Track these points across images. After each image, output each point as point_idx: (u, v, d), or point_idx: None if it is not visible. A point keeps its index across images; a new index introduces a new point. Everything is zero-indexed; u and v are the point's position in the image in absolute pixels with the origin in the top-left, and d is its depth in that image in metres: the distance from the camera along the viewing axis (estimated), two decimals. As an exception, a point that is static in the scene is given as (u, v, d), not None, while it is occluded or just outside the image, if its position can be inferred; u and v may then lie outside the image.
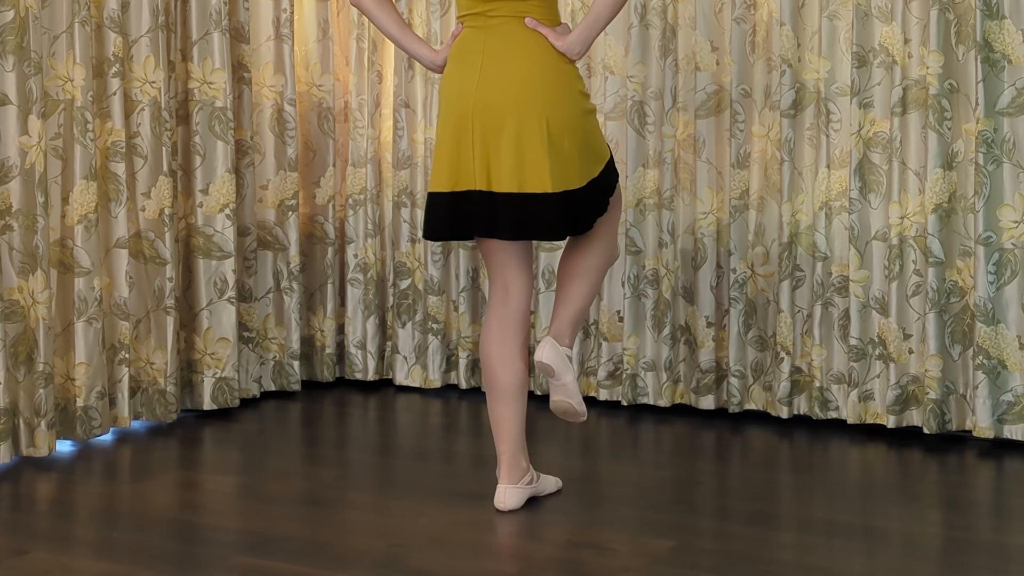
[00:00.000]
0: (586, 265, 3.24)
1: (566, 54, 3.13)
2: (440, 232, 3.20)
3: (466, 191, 3.12)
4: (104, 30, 3.92)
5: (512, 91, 3.09)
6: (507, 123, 3.07)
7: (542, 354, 3.15)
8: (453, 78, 3.18)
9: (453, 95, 3.15)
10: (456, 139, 3.13)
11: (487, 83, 3.10)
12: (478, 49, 3.14)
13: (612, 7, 3.09)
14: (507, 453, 3.19)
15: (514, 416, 3.19)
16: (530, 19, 3.12)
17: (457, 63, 3.18)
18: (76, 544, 3.00)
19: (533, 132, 3.07)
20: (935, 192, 3.81)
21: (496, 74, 3.11)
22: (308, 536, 2.97)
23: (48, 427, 3.66)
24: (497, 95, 3.09)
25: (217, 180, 4.25)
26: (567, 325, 3.22)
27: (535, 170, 3.06)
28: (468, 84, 3.12)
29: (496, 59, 3.12)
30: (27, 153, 3.61)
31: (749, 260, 4.15)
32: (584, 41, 3.13)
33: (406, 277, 4.71)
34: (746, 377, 4.18)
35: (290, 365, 4.60)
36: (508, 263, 3.22)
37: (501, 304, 3.22)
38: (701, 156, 4.19)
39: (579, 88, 3.18)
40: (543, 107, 3.08)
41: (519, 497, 3.18)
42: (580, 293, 3.23)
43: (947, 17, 3.79)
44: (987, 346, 3.76)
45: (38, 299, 3.63)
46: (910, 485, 3.46)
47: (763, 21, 4.12)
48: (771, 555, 2.85)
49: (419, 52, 3.29)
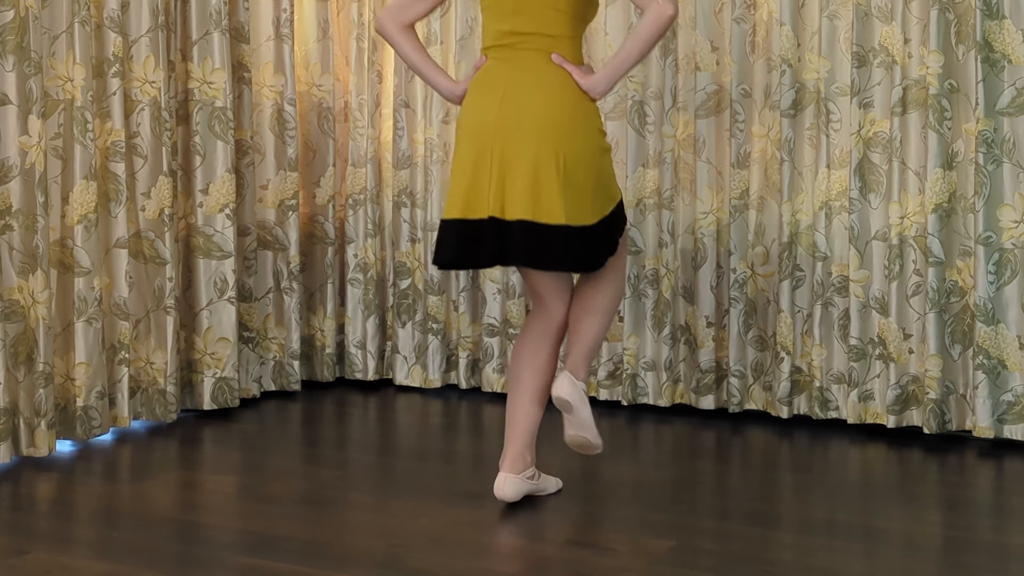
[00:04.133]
0: (597, 303, 3.29)
1: (588, 92, 3.15)
2: (451, 260, 3.21)
3: (478, 219, 3.13)
4: (104, 30, 3.92)
5: (532, 123, 3.10)
6: (524, 153, 3.09)
7: (560, 390, 3.19)
8: (473, 107, 3.19)
9: (473, 124, 3.17)
10: (473, 167, 3.14)
11: (508, 113, 3.12)
12: (501, 81, 3.16)
13: (641, 50, 3.11)
14: (515, 445, 3.24)
15: (530, 416, 3.26)
16: (556, 55, 3.15)
17: (478, 93, 3.19)
18: (76, 544, 3.00)
19: (549, 164, 3.08)
20: (935, 192, 3.81)
21: (517, 105, 3.12)
22: (308, 536, 2.97)
23: (48, 427, 3.66)
24: (517, 125, 3.10)
25: (217, 180, 4.25)
26: (582, 360, 3.28)
27: (549, 202, 3.08)
28: (488, 113, 3.14)
29: (518, 91, 3.13)
30: (27, 153, 3.61)
31: (749, 260, 4.15)
32: (609, 81, 3.15)
33: (406, 277, 4.71)
34: (746, 377, 4.18)
35: (290, 365, 4.60)
36: (542, 285, 3.28)
37: (540, 314, 3.31)
38: (701, 156, 4.19)
39: (597, 126, 3.20)
40: (561, 141, 3.10)
41: (517, 488, 3.20)
42: (593, 329, 3.29)
43: (947, 17, 3.79)
44: (987, 346, 3.76)
45: (38, 299, 3.63)
46: (910, 485, 3.46)
47: (763, 21, 4.12)
48: (771, 555, 2.85)
49: (439, 82, 3.30)
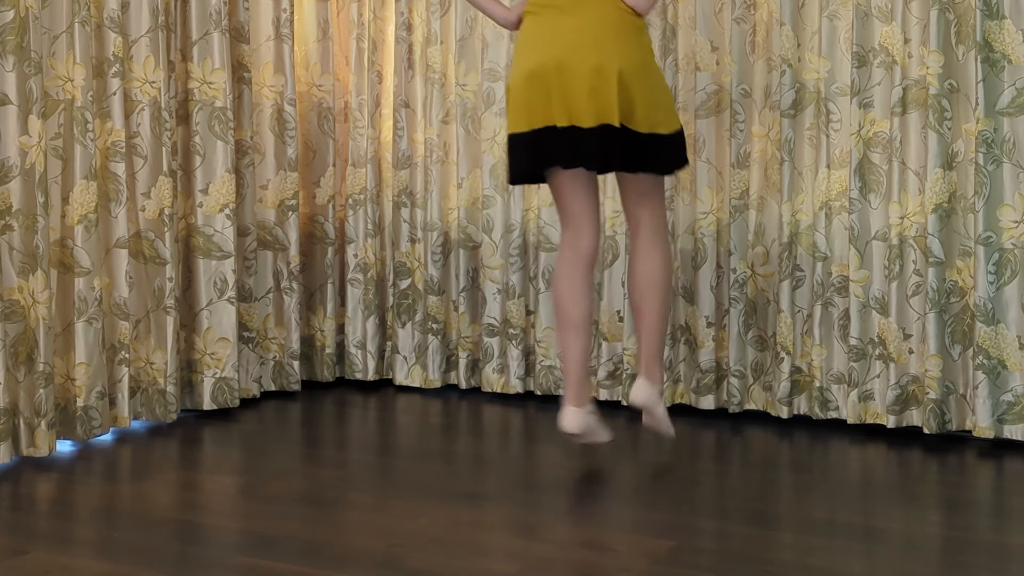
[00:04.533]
0: (653, 277, 3.48)
1: (634, 8, 3.42)
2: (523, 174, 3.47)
3: (545, 127, 3.37)
4: (104, 30, 3.92)
5: (585, 38, 3.36)
6: (582, 66, 3.33)
7: (637, 396, 3.48)
8: (529, 33, 3.47)
9: (529, 46, 3.44)
10: (534, 83, 3.38)
11: (562, 32, 3.39)
12: (551, 3, 3.44)
13: None
14: (574, 377, 3.46)
15: (581, 347, 3.47)
16: None
17: (532, 19, 3.47)
18: (76, 544, 3.00)
19: (606, 73, 3.33)
20: (935, 192, 3.81)
21: (570, 24, 3.38)
22: (308, 536, 2.97)
23: (48, 427, 3.66)
24: (571, 43, 3.36)
25: (217, 180, 4.25)
26: (655, 361, 3.52)
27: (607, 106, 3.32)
28: (544, 38, 3.41)
29: (569, 11, 3.40)
30: (27, 153, 3.61)
31: (749, 260, 4.15)
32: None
33: (406, 277, 4.71)
34: (746, 377, 4.18)
35: (290, 365, 4.60)
36: (581, 200, 3.48)
37: (572, 245, 3.49)
38: (701, 156, 4.19)
39: (646, 42, 3.46)
40: (613, 52, 3.35)
41: (580, 420, 3.46)
42: (655, 320, 3.49)
43: (947, 17, 3.79)
44: (987, 346, 3.76)
45: (38, 299, 3.63)
46: (910, 485, 3.46)
47: (763, 21, 4.12)
48: (771, 555, 2.85)
49: (494, 11, 3.62)
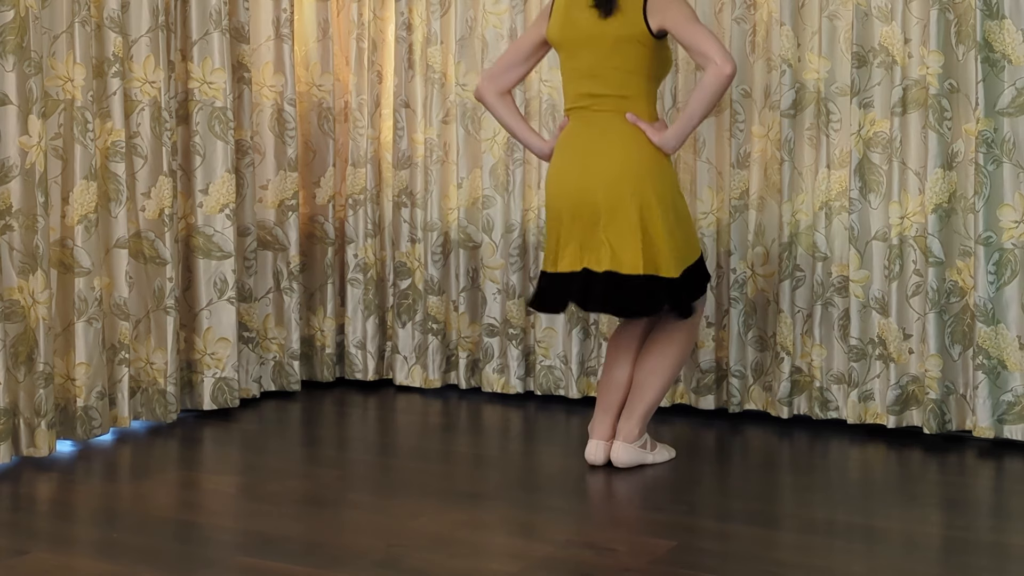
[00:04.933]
0: (662, 365, 3.56)
1: (661, 148, 3.42)
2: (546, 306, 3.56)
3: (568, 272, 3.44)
4: (104, 30, 3.92)
5: (611, 180, 3.38)
6: (604, 209, 3.37)
7: (617, 459, 3.51)
8: (557, 168, 3.50)
9: (557, 183, 3.48)
10: (560, 224, 3.45)
11: (588, 173, 3.41)
12: (580, 141, 3.46)
13: (706, 107, 3.36)
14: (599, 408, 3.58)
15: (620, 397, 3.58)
16: (630, 114, 3.42)
17: (560, 154, 3.51)
18: (76, 544, 3.00)
19: (627, 215, 3.36)
20: (935, 192, 3.81)
21: (597, 165, 3.40)
22: (308, 536, 2.97)
23: (48, 427, 3.66)
24: (597, 184, 3.38)
25: (217, 180, 4.25)
26: (636, 425, 3.54)
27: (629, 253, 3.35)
28: (570, 172, 3.44)
29: (595, 149, 3.42)
30: (27, 153, 3.61)
31: (749, 260, 4.15)
32: (679, 137, 3.41)
33: (406, 277, 4.71)
34: (746, 377, 4.18)
35: (290, 365, 4.60)
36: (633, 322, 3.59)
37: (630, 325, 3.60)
38: (701, 156, 4.19)
39: (672, 181, 3.48)
40: (638, 195, 3.37)
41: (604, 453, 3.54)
42: (653, 392, 3.57)
43: (947, 17, 3.79)
44: (987, 346, 3.76)
45: (38, 299, 3.63)
46: (910, 485, 3.46)
47: (763, 21, 4.12)
48: (771, 555, 2.85)
49: (532, 143, 3.65)
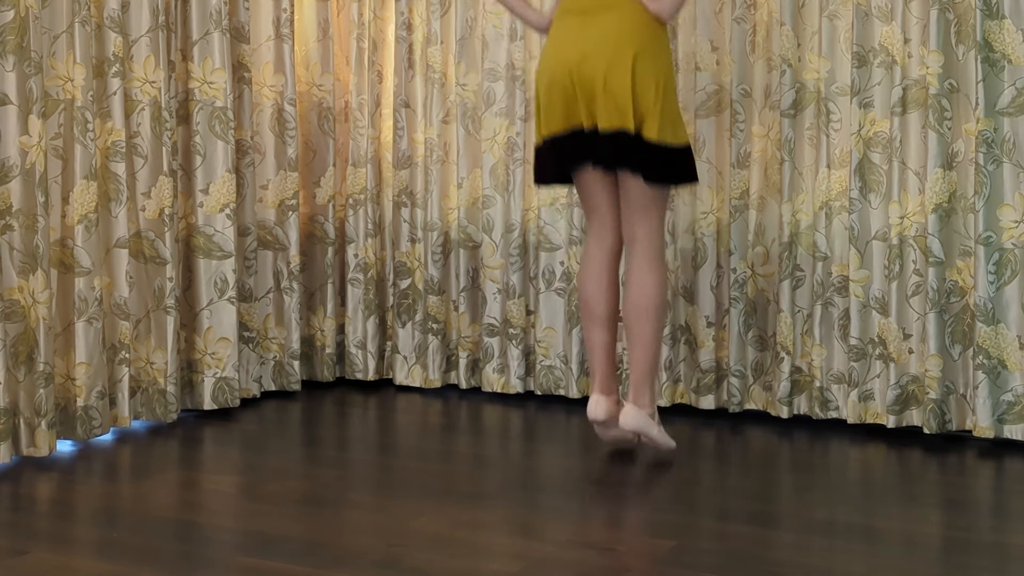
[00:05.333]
0: (644, 303, 3.52)
1: (657, 15, 3.49)
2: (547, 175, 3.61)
3: (568, 132, 3.51)
4: (104, 30, 3.92)
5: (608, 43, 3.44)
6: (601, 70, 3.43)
7: (627, 422, 3.50)
8: (554, 39, 3.57)
9: (555, 51, 3.55)
10: (556, 88, 3.50)
11: (585, 39, 3.48)
12: (577, 10, 3.54)
13: None
14: (599, 367, 3.61)
15: (606, 340, 3.62)
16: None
17: (559, 25, 3.58)
18: (76, 544, 3.00)
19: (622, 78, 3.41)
20: (935, 192, 3.81)
21: (594, 31, 3.48)
22: (308, 536, 2.97)
23: (48, 427, 3.66)
24: (594, 48, 3.46)
25: (217, 180, 4.25)
26: (643, 386, 3.54)
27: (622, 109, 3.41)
28: (569, 43, 3.51)
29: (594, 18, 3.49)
30: (27, 153, 3.61)
31: (749, 260, 4.15)
32: (675, 4, 3.49)
33: (406, 277, 4.71)
34: (746, 377, 4.18)
35: (290, 365, 4.60)
36: (607, 201, 3.60)
37: (598, 242, 3.63)
38: (701, 156, 4.19)
39: (667, 50, 3.53)
40: (633, 57, 3.42)
41: (605, 408, 3.56)
42: (646, 342, 3.53)
43: (947, 17, 3.79)
44: (987, 346, 3.76)
45: (38, 299, 3.63)
46: (910, 485, 3.46)
47: (763, 21, 4.12)
48: (771, 555, 2.85)
49: (529, 17, 3.76)
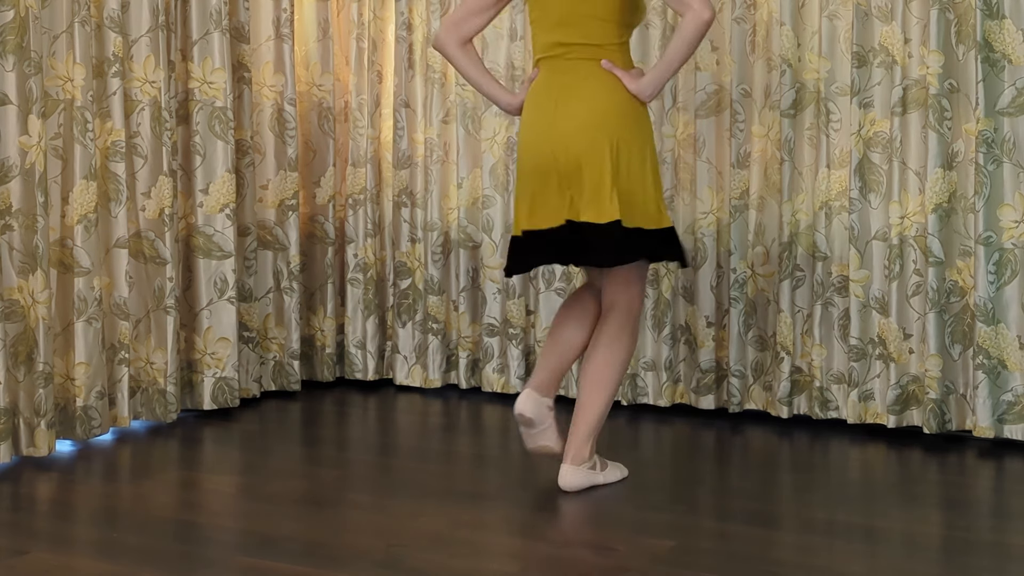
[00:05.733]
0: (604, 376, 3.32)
1: (638, 95, 3.25)
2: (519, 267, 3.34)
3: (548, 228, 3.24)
4: (104, 30, 3.92)
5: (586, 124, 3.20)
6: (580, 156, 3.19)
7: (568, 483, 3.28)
8: (530, 120, 3.31)
9: (532, 136, 3.28)
10: (537, 178, 3.26)
11: (562, 118, 3.23)
12: (553, 91, 3.27)
13: (684, 53, 3.21)
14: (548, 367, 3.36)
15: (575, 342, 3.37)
16: (606, 61, 3.25)
17: (533, 105, 3.31)
18: (76, 544, 3.00)
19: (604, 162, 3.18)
20: (935, 192, 3.81)
21: (570, 110, 3.23)
22: (308, 536, 2.97)
23: (48, 427, 3.66)
24: (571, 129, 3.21)
25: (217, 180, 4.25)
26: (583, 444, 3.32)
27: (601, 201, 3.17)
28: (544, 123, 3.26)
29: (570, 95, 3.24)
30: (27, 153, 3.61)
31: (749, 260, 4.15)
32: (656, 84, 3.25)
33: (406, 277, 4.71)
34: (746, 377, 4.18)
35: (290, 365, 4.60)
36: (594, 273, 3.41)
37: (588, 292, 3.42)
38: (701, 156, 4.19)
39: (648, 131, 3.31)
40: (614, 140, 3.20)
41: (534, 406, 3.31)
42: (596, 408, 3.33)
43: (947, 17, 3.79)
44: (987, 346, 3.76)
45: (38, 299, 3.63)
46: (910, 485, 3.46)
47: (763, 21, 4.12)
48: (771, 555, 2.85)
49: (498, 96, 3.42)
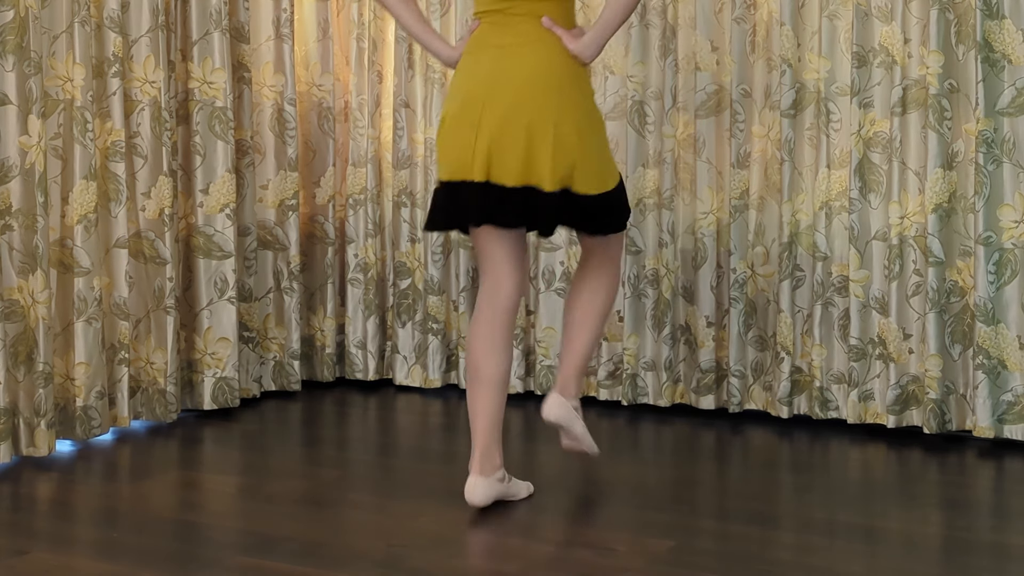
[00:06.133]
0: (589, 312, 3.31)
1: (579, 56, 3.15)
2: (438, 222, 3.23)
3: (468, 181, 3.12)
4: (104, 30, 3.92)
5: (524, 85, 3.10)
6: (516, 116, 3.08)
7: (549, 412, 3.25)
8: (465, 71, 3.20)
9: (464, 88, 3.17)
10: (463, 130, 3.13)
11: (499, 76, 3.12)
12: (493, 44, 3.16)
13: (623, 11, 3.11)
14: (481, 444, 3.14)
15: (492, 407, 3.15)
16: (546, 19, 3.15)
17: (471, 57, 3.20)
18: (76, 544, 3.00)
19: (541, 127, 3.07)
20: (935, 192, 3.81)
21: (509, 68, 3.12)
22: (308, 536, 2.97)
23: (48, 427, 3.66)
24: (509, 88, 3.10)
25: (217, 180, 4.25)
26: (571, 378, 3.31)
27: (539, 165, 3.07)
28: (481, 77, 3.14)
29: (510, 54, 3.13)
30: (27, 153, 3.61)
31: (749, 260, 4.15)
32: (597, 44, 3.15)
33: (406, 277, 4.71)
34: (746, 377, 4.18)
35: (290, 365, 4.60)
36: (501, 256, 3.20)
37: (491, 297, 3.21)
38: (701, 156, 4.19)
39: (589, 92, 3.22)
40: (553, 103, 3.09)
41: (488, 490, 3.14)
42: (584, 343, 3.32)
43: (947, 17, 3.79)
44: (987, 346, 3.76)
45: (38, 299, 3.63)
46: (910, 485, 3.46)
47: (763, 21, 4.12)
48: (771, 555, 2.85)
49: (437, 48, 3.32)
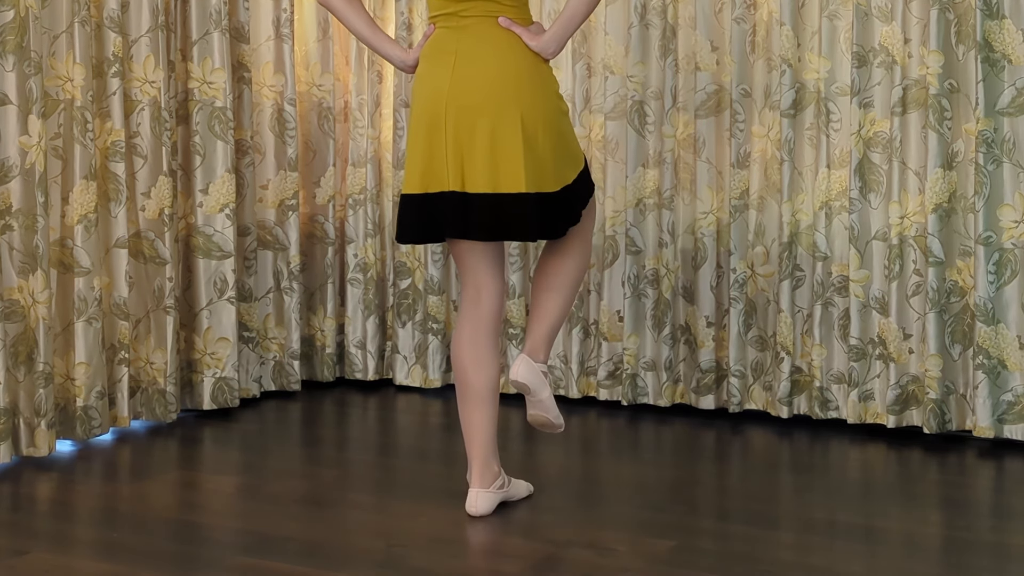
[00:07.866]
0: (560, 280, 3.22)
1: (540, 53, 3.10)
2: (411, 235, 3.16)
3: (438, 192, 3.07)
4: (104, 30, 3.92)
5: (486, 90, 3.04)
6: (481, 122, 3.03)
7: (517, 373, 3.13)
8: (425, 78, 3.13)
9: (425, 95, 3.11)
10: (429, 140, 3.08)
11: (460, 82, 3.06)
12: (451, 49, 3.09)
13: (587, 6, 3.07)
14: (479, 458, 3.15)
15: (485, 420, 3.16)
16: (503, 18, 3.08)
17: (430, 63, 3.13)
18: (76, 544, 3.00)
19: (507, 131, 3.03)
20: (935, 192, 3.81)
21: (470, 73, 3.06)
22: (308, 536, 2.97)
23: (48, 427, 3.66)
24: (471, 94, 3.05)
25: (217, 180, 4.25)
26: (541, 341, 3.21)
27: (509, 170, 3.03)
28: (441, 84, 3.08)
29: (469, 58, 3.07)
30: (27, 153, 3.61)
31: (749, 260, 4.15)
32: (559, 40, 3.09)
33: (406, 277, 4.71)
34: (746, 377, 4.18)
35: (290, 365, 4.60)
36: (480, 265, 3.17)
37: (473, 307, 3.18)
38: (701, 156, 4.19)
39: (554, 88, 3.14)
40: (518, 105, 3.04)
41: (491, 502, 3.15)
42: (555, 307, 3.21)
43: (947, 17, 3.79)
44: (987, 346, 3.76)
45: (38, 299, 3.63)
46: (910, 485, 3.46)
47: (763, 21, 4.12)
48: (771, 555, 2.85)
49: (390, 52, 3.23)
